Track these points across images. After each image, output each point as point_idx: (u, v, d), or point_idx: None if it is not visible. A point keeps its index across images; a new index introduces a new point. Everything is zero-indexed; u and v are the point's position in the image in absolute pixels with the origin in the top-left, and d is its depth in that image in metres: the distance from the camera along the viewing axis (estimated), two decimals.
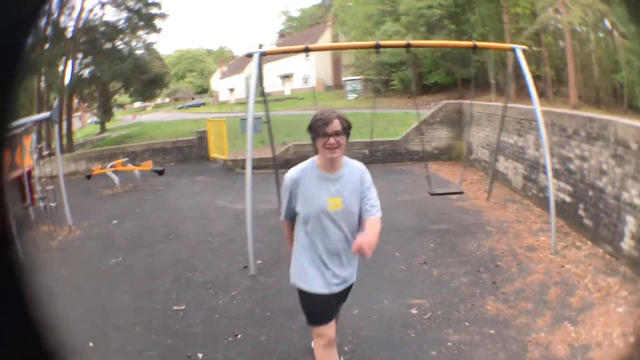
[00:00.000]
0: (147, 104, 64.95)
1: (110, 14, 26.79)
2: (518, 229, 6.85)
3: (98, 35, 23.77)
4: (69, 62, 22.50)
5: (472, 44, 6.74)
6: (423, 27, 30.83)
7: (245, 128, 5.97)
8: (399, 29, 30.91)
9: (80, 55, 23.73)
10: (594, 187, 6.00)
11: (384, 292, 4.88)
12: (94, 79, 24.90)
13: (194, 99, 69.44)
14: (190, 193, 10.50)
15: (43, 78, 20.97)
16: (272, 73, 56.52)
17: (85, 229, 8.03)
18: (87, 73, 24.53)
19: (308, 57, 6.39)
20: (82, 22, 22.74)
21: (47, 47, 20.00)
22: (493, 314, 4.40)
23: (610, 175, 5.60)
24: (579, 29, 25.34)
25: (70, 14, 21.99)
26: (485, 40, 25.54)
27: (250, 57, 6.32)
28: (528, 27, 25.51)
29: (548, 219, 6.27)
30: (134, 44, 26.66)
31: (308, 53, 6.26)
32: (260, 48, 48.92)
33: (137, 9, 25.10)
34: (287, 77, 54.11)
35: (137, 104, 65.60)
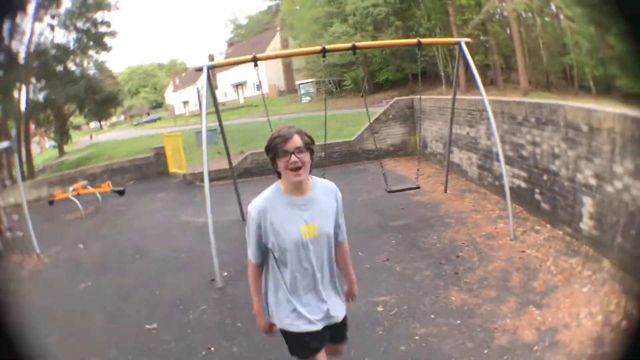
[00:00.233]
0: (103, 123, 63.75)
1: (60, 36, 26.41)
2: (476, 218, 6.92)
3: (50, 59, 23.35)
4: (23, 87, 21.97)
5: (416, 42, 6.77)
6: (370, 26, 31.19)
7: (201, 141, 5.98)
8: (347, 30, 31.17)
9: (34, 80, 23.17)
10: (548, 171, 6.11)
11: None
12: (49, 103, 24.73)
13: (149, 115, 68.39)
14: (152, 210, 10.44)
15: None
16: (225, 82, 56.06)
17: (53, 256, 7.95)
18: (41, 97, 24.17)
19: (257, 66, 6.29)
20: (33, 46, 22.23)
21: (0, 74, 19.49)
22: (458, 305, 4.40)
23: (563, 159, 5.70)
24: (525, 15, 26.02)
25: (22, 39, 21.40)
26: (432, 34, 25.93)
27: (200, 71, 6.30)
28: (474, 18, 26.06)
29: (505, 206, 6.34)
30: (86, 65, 26.96)
31: (256, 62, 6.20)
32: (211, 59, 48.68)
33: (86, 29, 25.02)
34: (240, 85, 53.75)
35: (93, 124, 64.09)
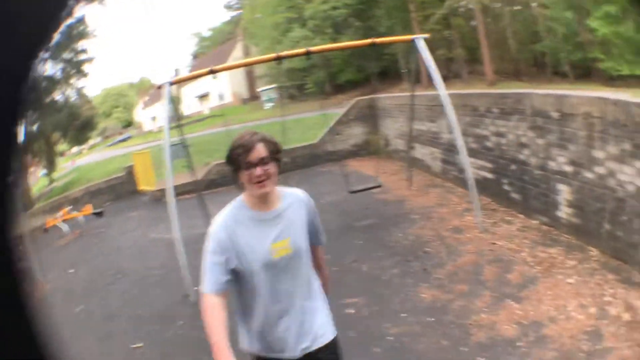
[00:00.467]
0: (82, 147, 63.34)
1: (49, 67, 27.10)
2: (442, 213, 6.81)
3: (41, 90, 23.56)
4: (22, 121, 22.56)
5: (370, 42, 6.74)
6: (330, 29, 31.13)
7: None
8: (306, 34, 31.03)
9: (29, 113, 23.11)
10: (516, 160, 6.03)
11: None
12: (41, 133, 25.23)
13: (122, 134, 68.14)
14: (128, 230, 10.53)
15: None
16: (189, 95, 55.63)
17: (52, 282, 8.00)
18: (35, 129, 24.44)
19: (216, 77, 6.23)
20: (30, 81, 22.85)
21: None
22: (429, 302, 4.25)
23: (532, 147, 5.62)
24: (491, 6, 26.22)
25: None
26: (393, 33, 26.00)
27: (161, 88, 6.37)
28: (436, 12, 26.14)
29: (472, 199, 6.23)
30: (68, 92, 27.39)
31: (215, 74, 6.32)
32: (177, 72, 48.05)
33: (69, 59, 25.67)
34: (204, 96, 53.29)
35: (74, 149, 63.45)
